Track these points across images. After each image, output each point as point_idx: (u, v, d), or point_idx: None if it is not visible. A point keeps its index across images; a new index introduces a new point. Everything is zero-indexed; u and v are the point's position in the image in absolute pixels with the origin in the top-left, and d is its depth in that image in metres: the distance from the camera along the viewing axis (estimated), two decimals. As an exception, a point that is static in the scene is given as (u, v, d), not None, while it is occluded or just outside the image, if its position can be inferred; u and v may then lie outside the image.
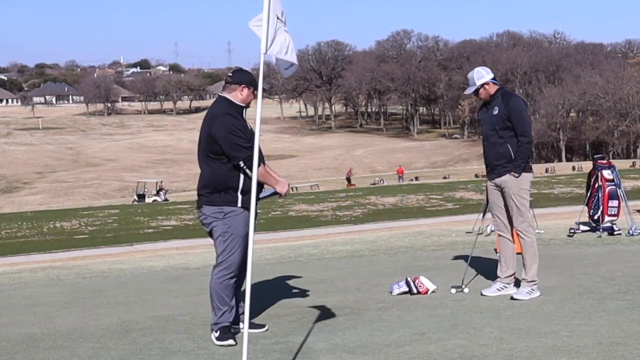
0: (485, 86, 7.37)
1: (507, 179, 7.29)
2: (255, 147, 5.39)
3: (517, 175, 7.26)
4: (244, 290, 6.35)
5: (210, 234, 6.16)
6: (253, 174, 5.39)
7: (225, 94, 6.14)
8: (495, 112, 7.30)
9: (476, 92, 7.44)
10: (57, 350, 6.04)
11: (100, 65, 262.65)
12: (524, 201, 7.31)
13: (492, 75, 7.46)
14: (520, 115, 7.29)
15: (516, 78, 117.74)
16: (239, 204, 6.00)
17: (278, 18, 5.28)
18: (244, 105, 6.13)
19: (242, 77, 6.15)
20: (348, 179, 66.40)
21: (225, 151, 5.93)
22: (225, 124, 5.94)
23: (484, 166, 7.78)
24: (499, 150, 7.29)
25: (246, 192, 5.98)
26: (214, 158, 6.00)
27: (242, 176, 5.98)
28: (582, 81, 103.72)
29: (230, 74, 6.24)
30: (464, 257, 10.00)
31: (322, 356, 5.55)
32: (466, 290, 7.64)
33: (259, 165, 5.95)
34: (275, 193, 6.17)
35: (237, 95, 6.11)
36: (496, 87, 7.39)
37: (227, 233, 6.01)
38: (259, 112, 5.29)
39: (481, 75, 7.39)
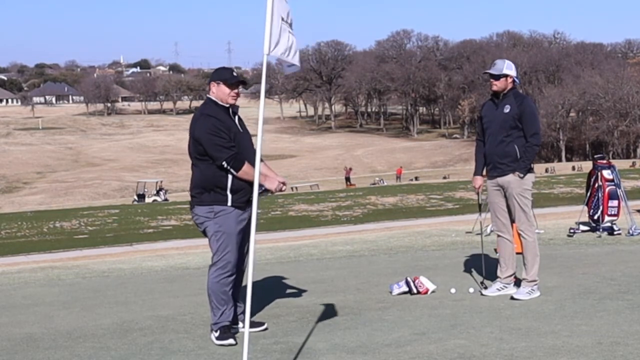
0: (508, 78, 7.26)
1: (510, 179, 7.27)
2: (258, 146, 5.38)
3: (522, 175, 7.24)
4: (243, 290, 6.37)
5: (204, 234, 6.19)
6: (255, 172, 5.37)
7: (209, 95, 6.20)
8: (507, 110, 7.25)
9: (495, 77, 7.25)
10: (57, 350, 6.04)
11: (100, 65, 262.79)
12: (527, 201, 7.30)
13: (515, 74, 7.37)
14: (534, 117, 7.30)
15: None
16: (229, 203, 6.01)
17: (283, 19, 5.26)
18: (227, 105, 6.11)
19: (212, 75, 6.19)
20: (347, 179, 66.29)
21: (208, 152, 5.96)
22: (205, 125, 5.98)
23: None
24: (504, 149, 7.26)
25: (236, 191, 6.00)
26: (201, 159, 6.04)
27: (230, 175, 5.99)
28: (582, 81, 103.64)
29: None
30: (464, 257, 10.01)
31: (322, 356, 5.55)
32: (471, 290, 7.64)
33: (243, 164, 5.94)
34: (266, 190, 6.15)
35: (212, 94, 6.14)
36: (511, 86, 7.34)
37: (219, 232, 6.03)
38: (262, 111, 5.28)
39: (510, 67, 7.30)
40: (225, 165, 5.93)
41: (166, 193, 56.49)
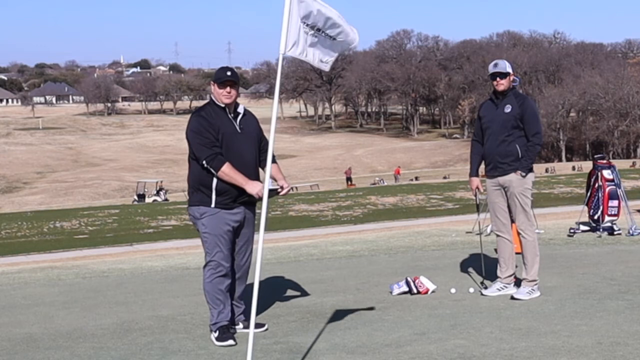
0: (510, 78, 7.27)
1: (511, 178, 7.26)
2: (270, 148, 5.38)
3: (524, 174, 7.24)
4: (243, 290, 6.36)
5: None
6: (266, 173, 5.37)
7: (211, 95, 6.24)
8: (508, 110, 7.25)
9: (502, 76, 7.24)
10: (57, 350, 6.04)
11: (100, 65, 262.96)
12: (528, 200, 7.30)
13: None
14: (535, 117, 7.31)
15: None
16: (213, 204, 6.01)
17: (302, 21, 5.22)
18: (222, 104, 6.08)
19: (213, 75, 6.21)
20: (348, 179, 66.29)
21: (193, 151, 6.00)
22: (192, 124, 6.03)
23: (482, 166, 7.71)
24: (506, 149, 7.25)
25: (220, 191, 6.00)
26: (193, 158, 6.09)
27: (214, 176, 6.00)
28: (582, 81, 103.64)
29: None
30: (464, 257, 10.00)
31: (322, 356, 5.55)
32: (471, 290, 7.65)
33: (222, 164, 5.91)
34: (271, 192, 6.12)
35: (212, 94, 6.16)
36: (510, 86, 7.34)
37: (206, 233, 6.06)
38: (275, 111, 5.28)
39: (510, 66, 7.32)
40: (205, 165, 5.95)
41: (166, 193, 56.47)
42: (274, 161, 6.29)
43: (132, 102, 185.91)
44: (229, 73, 6.09)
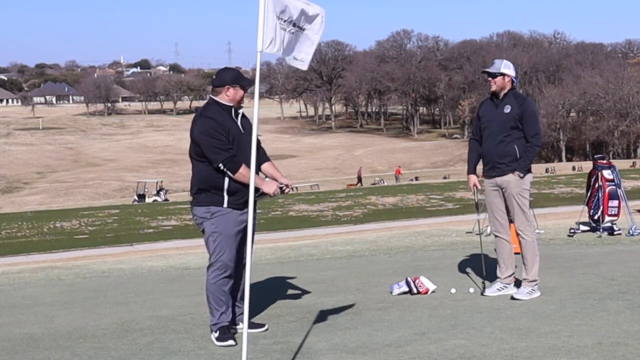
0: (505, 77, 7.25)
1: (509, 179, 7.26)
2: (253, 148, 5.38)
3: (522, 175, 7.24)
4: (243, 290, 6.36)
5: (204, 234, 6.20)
6: (251, 175, 5.36)
7: (213, 96, 6.18)
8: (507, 110, 7.24)
9: (492, 76, 7.24)
10: (57, 350, 6.04)
11: (100, 65, 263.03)
12: (525, 201, 7.30)
13: (514, 74, 7.36)
14: (535, 118, 7.31)
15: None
16: (225, 204, 6.00)
17: (278, 17, 5.23)
18: (231, 105, 6.10)
19: (225, 78, 6.12)
20: (359, 178, 66.40)
21: (205, 153, 5.97)
22: (203, 126, 5.98)
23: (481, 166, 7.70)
24: (504, 149, 7.24)
25: (232, 192, 5.99)
26: (199, 160, 6.05)
27: (226, 177, 5.97)
28: (582, 81, 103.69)
29: (214, 77, 6.22)
30: (465, 258, 10.01)
31: (322, 356, 5.55)
32: (471, 290, 7.64)
33: (239, 166, 5.92)
34: (263, 194, 6.10)
35: (224, 97, 6.10)
36: (510, 86, 7.33)
37: (216, 233, 6.03)
38: (257, 111, 5.27)
39: (508, 67, 7.28)
40: (222, 168, 5.93)
41: (166, 193, 56.49)
42: (267, 160, 6.32)
43: (132, 102, 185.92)
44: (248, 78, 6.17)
